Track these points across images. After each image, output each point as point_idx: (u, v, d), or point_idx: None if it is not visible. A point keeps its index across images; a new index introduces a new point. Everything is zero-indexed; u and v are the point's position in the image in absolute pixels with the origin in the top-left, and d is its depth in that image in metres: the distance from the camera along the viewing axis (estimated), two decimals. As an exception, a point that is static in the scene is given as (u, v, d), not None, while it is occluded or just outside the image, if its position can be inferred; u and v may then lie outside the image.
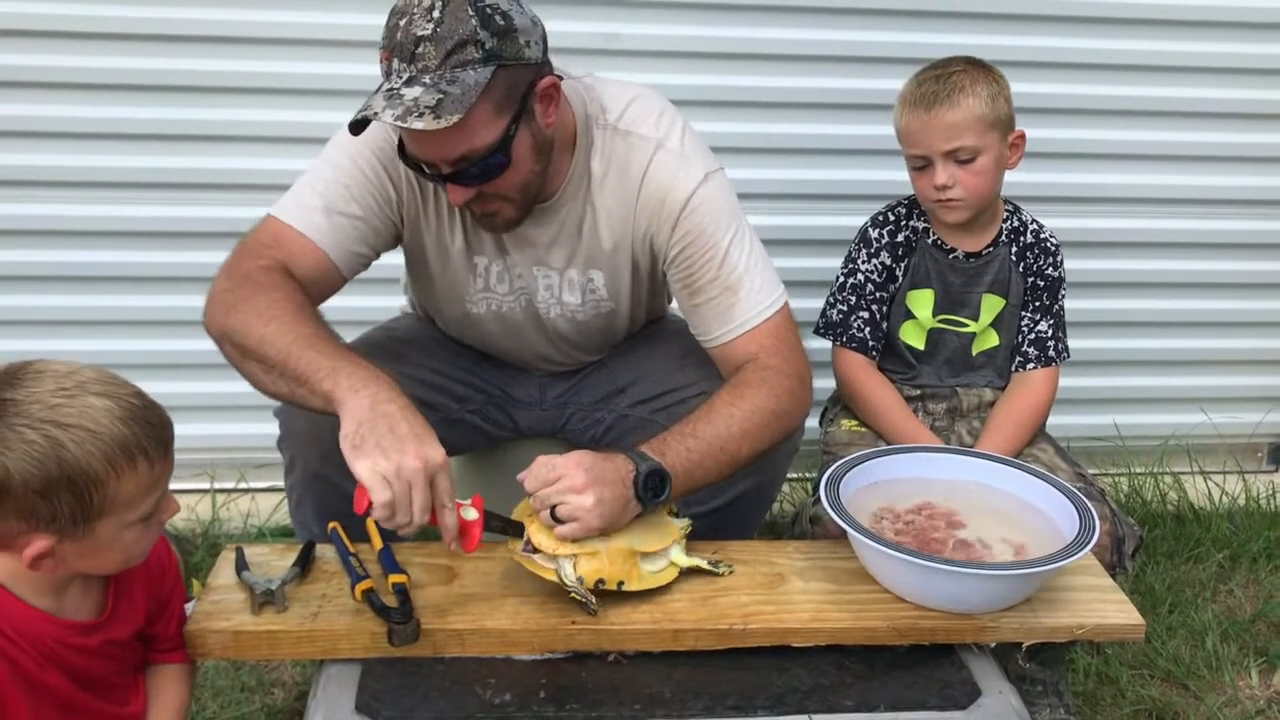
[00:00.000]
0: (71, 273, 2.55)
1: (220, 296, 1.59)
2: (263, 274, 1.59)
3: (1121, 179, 2.76)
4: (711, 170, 1.73)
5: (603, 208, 1.75)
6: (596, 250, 1.78)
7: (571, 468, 1.49)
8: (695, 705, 1.40)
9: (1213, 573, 2.56)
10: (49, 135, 2.45)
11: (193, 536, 2.50)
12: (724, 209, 1.73)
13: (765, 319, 1.72)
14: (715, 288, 1.72)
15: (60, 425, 1.16)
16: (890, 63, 2.46)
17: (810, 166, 2.64)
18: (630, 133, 1.72)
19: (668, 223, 1.72)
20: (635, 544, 1.53)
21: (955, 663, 1.49)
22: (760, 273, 1.74)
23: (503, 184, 1.62)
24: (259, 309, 1.53)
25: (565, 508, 1.48)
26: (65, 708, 1.29)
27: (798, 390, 1.70)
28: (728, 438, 1.61)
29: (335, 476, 1.71)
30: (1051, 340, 2.08)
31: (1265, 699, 2.16)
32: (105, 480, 1.18)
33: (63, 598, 1.28)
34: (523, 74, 1.56)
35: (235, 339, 1.54)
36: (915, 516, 1.65)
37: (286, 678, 2.12)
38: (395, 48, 1.51)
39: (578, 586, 1.47)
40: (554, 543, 1.49)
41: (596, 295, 1.85)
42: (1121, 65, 2.65)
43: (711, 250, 1.71)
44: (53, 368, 1.21)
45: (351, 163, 1.67)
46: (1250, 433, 3.03)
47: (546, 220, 1.76)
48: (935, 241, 2.05)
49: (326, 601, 1.51)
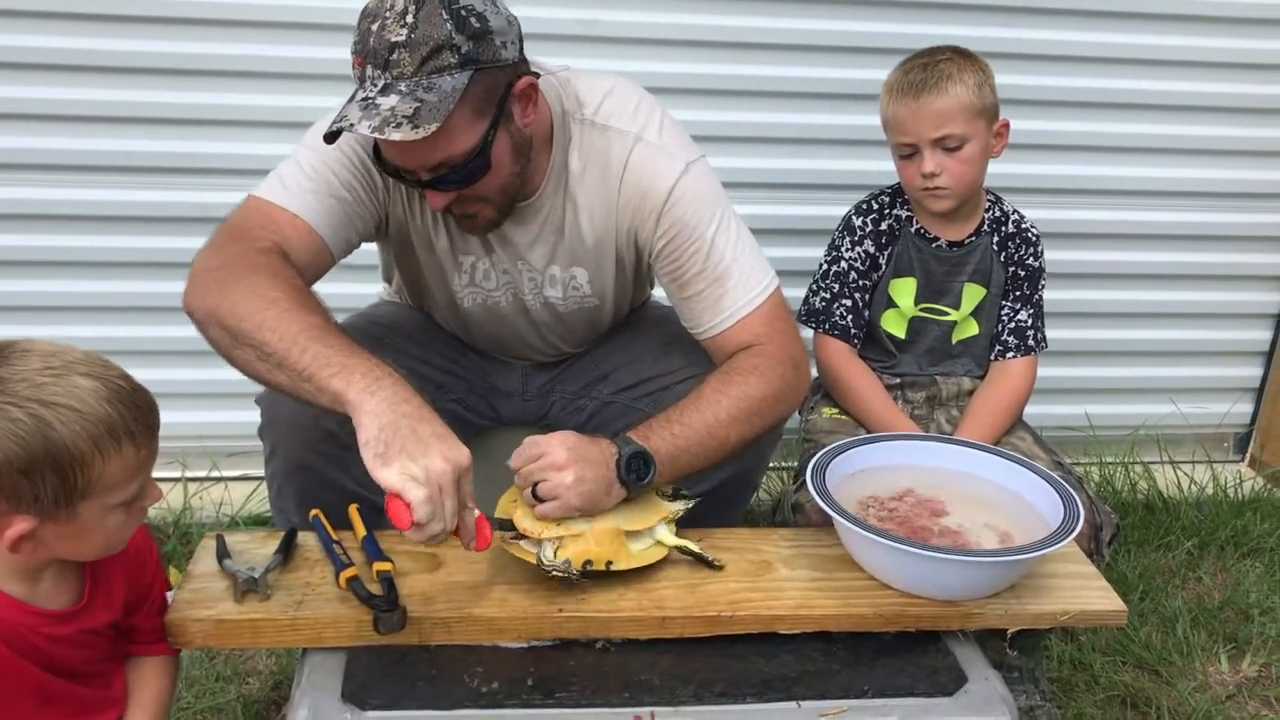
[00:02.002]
0: (38, 257, 2.51)
1: (208, 275, 1.50)
2: (259, 255, 1.51)
3: (1091, 170, 2.78)
4: (692, 160, 1.70)
5: (584, 204, 1.73)
6: (579, 247, 1.77)
7: (555, 445, 1.49)
8: (684, 692, 1.39)
9: (1182, 560, 2.59)
10: (20, 118, 2.41)
11: (164, 525, 2.48)
12: (707, 198, 1.70)
13: (756, 306, 1.71)
14: (703, 280, 1.70)
15: (46, 404, 1.13)
16: (872, 53, 2.48)
17: (793, 156, 2.64)
18: (608, 126, 1.70)
19: (651, 217, 1.70)
20: (620, 523, 1.53)
21: (941, 649, 1.50)
22: (748, 260, 1.72)
23: (482, 188, 1.60)
24: (258, 292, 1.44)
25: (546, 485, 1.47)
26: (39, 696, 1.26)
27: (790, 375, 1.68)
28: (715, 424, 1.60)
29: (318, 465, 1.70)
30: (1031, 330, 2.10)
31: (1235, 684, 2.20)
32: (91, 461, 1.16)
33: (37, 585, 1.25)
34: (500, 76, 1.53)
35: (227, 322, 1.45)
36: (899, 504, 1.65)
37: (262, 667, 2.10)
38: (369, 54, 1.46)
39: (557, 564, 1.46)
40: (538, 526, 1.48)
41: (580, 292, 1.83)
42: (1094, 58, 2.67)
43: (697, 242, 1.69)
44: (39, 347, 1.18)
45: (336, 148, 1.64)
46: (1218, 423, 3.08)
47: (527, 219, 1.74)
48: (918, 230, 2.06)
49: (310, 589, 1.49)
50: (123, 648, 1.39)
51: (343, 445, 1.69)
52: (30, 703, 1.25)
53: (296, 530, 1.61)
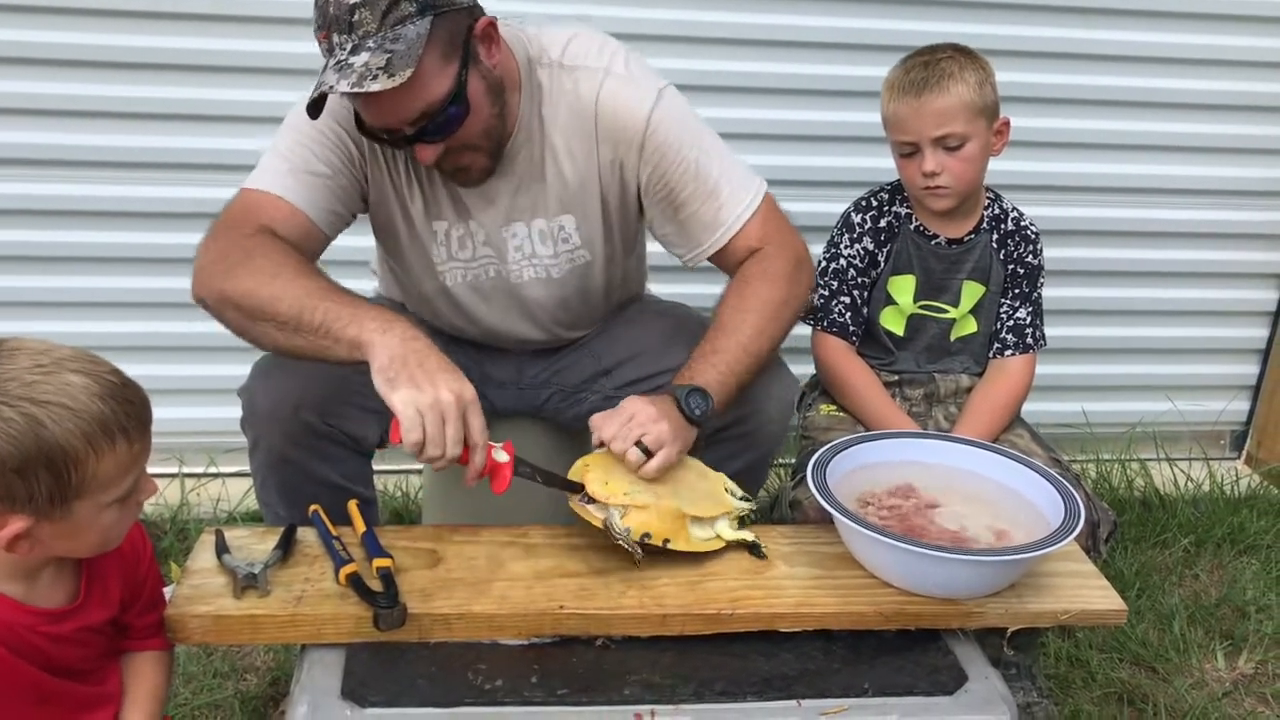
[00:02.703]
0: (31, 253, 2.50)
1: (211, 266, 1.57)
2: (250, 239, 1.58)
3: (1088, 168, 2.79)
4: (662, 87, 1.74)
5: (561, 146, 1.75)
6: (563, 191, 1.78)
7: (640, 404, 1.57)
8: (684, 690, 1.39)
9: (1179, 558, 2.60)
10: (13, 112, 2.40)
11: (161, 522, 2.47)
12: (685, 121, 1.75)
13: (752, 213, 1.77)
14: (697, 199, 1.75)
15: (38, 402, 1.13)
16: (872, 49, 2.47)
17: (791, 153, 2.64)
18: (575, 66, 1.73)
19: (634, 146, 1.73)
20: (686, 507, 1.56)
21: (941, 648, 1.50)
22: (736, 171, 1.77)
23: (465, 134, 1.62)
24: (261, 268, 1.53)
25: (650, 436, 1.54)
26: (37, 695, 1.25)
27: (794, 272, 1.75)
28: (748, 341, 1.68)
29: (299, 458, 1.71)
30: (1030, 327, 2.09)
31: (1231, 681, 2.20)
32: (84, 459, 1.15)
33: (34, 584, 1.25)
34: (459, 19, 1.57)
35: (240, 302, 1.53)
36: (899, 501, 1.65)
37: (259, 663, 2.09)
38: (331, 23, 1.51)
39: (625, 536, 1.50)
40: (608, 491, 1.53)
41: (570, 244, 1.83)
42: (1092, 55, 2.67)
43: (683, 164, 1.73)
44: (28, 345, 1.18)
45: (310, 126, 1.66)
46: (1214, 420, 3.08)
47: (505, 171, 1.76)
48: (918, 228, 2.06)
49: (310, 585, 1.48)
50: (118, 644, 1.39)
51: (322, 436, 1.72)
52: (28, 702, 1.25)
53: (295, 526, 1.60)
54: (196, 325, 2.57)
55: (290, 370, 1.67)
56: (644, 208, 1.82)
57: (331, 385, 1.70)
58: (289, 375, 1.68)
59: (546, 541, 1.62)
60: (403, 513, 2.60)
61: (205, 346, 2.60)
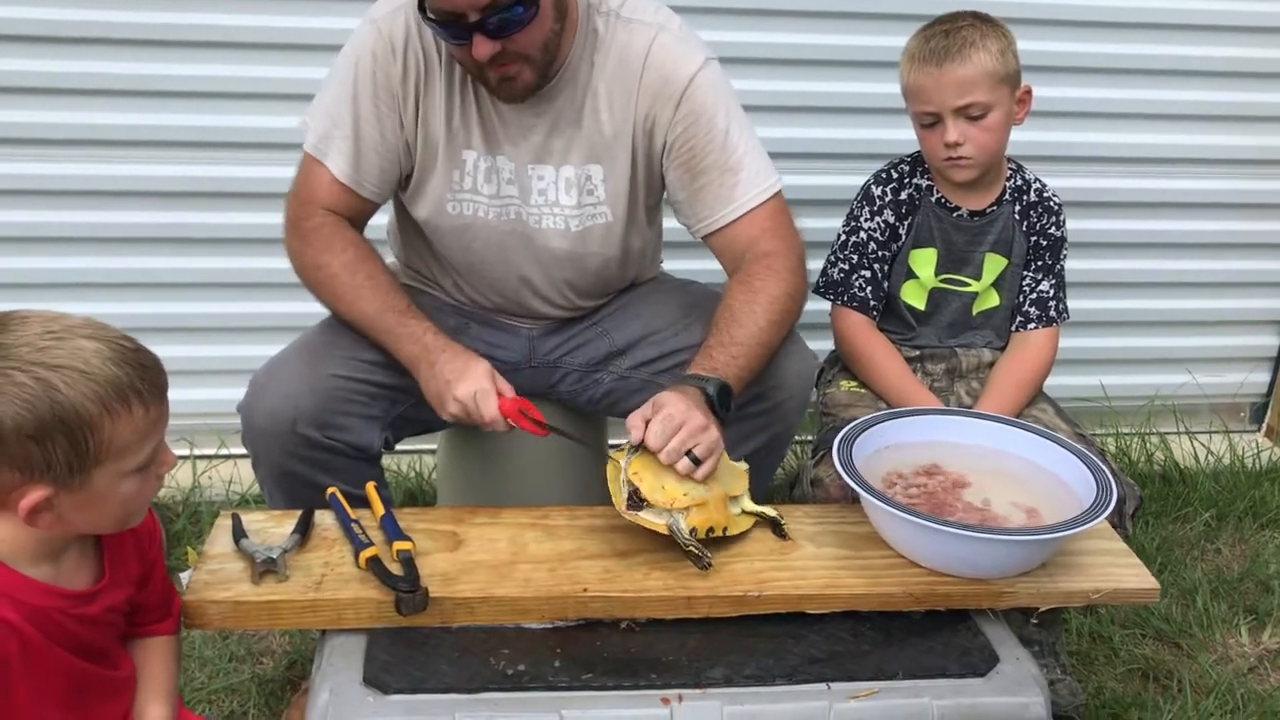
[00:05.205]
0: (44, 233, 2.47)
1: (297, 259, 1.80)
2: (316, 235, 1.76)
3: (1105, 138, 2.73)
4: (710, 56, 1.77)
5: (604, 92, 1.75)
6: (597, 139, 1.78)
7: (682, 408, 1.51)
8: (713, 674, 1.37)
9: (1200, 532, 2.57)
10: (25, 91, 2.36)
11: (173, 505, 2.45)
12: (724, 91, 1.77)
13: (764, 200, 1.77)
14: (717, 169, 1.76)
15: (50, 367, 1.10)
16: (890, 19, 2.42)
17: (810, 125, 2.59)
18: (631, 19, 1.75)
19: (670, 102, 1.74)
20: (727, 489, 1.55)
21: (971, 629, 1.48)
22: (759, 157, 1.79)
23: (525, 39, 1.61)
24: (339, 291, 1.76)
25: (701, 447, 1.50)
26: (72, 685, 1.23)
27: (798, 268, 1.78)
28: (760, 332, 1.68)
29: (300, 470, 1.70)
30: (1053, 300, 2.06)
31: (1255, 656, 2.18)
32: (100, 423, 1.13)
33: (60, 565, 1.22)
34: None
35: (327, 304, 1.80)
36: (926, 480, 1.63)
37: (275, 647, 2.08)
38: None
39: (692, 540, 1.47)
40: (669, 497, 1.48)
41: (594, 197, 1.81)
42: (1115, 23, 2.61)
43: (712, 131, 1.75)
44: (37, 314, 1.16)
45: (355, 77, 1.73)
46: (1234, 393, 3.05)
47: (544, 107, 1.75)
48: (939, 200, 2.02)
49: (329, 570, 1.46)
50: (129, 628, 1.36)
51: (323, 449, 1.70)
52: (66, 691, 1.23)
53: (314, 510, 1.58)
54: (206, 306, 2.57)
55: (285, 382, 1.68)
56: (665, 172, 1.81)
57: (329, 395, 1.70)
58: (284, 389, 1.68)
59: (568, 523, 1.60)
60: (416, 493, 2.58)
61: (215, 327, 2.58)
